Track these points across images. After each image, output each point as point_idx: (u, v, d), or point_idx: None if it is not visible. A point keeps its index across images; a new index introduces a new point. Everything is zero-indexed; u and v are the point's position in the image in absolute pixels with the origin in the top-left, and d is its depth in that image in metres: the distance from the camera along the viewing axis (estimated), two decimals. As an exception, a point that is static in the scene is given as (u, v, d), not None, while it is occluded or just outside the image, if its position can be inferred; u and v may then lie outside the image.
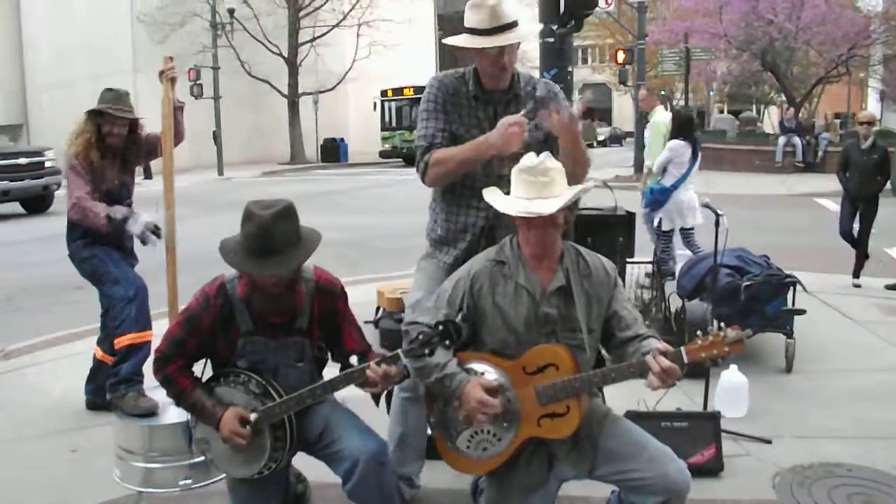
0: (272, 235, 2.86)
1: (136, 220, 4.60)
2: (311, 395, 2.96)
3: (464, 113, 3.42)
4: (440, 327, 2.80)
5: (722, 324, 2.72)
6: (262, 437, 3.00)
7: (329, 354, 3.28)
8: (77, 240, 4.79)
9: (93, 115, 4.73)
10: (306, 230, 3.04)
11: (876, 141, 8.63)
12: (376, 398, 3.17)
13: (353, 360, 3.04)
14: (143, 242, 4.67)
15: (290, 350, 3.09)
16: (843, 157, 8.89)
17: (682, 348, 2.66)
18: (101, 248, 4.76)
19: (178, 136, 4.76)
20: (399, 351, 2.87)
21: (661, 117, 9.19)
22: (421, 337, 2.81)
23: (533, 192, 2.85)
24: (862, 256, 8.62)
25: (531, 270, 2.95)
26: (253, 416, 2.96)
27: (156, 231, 4.59)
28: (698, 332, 2.70)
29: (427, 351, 2.82)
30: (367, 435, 3.09)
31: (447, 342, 2.80)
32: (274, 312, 3.06)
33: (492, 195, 3.04)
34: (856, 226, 8.66)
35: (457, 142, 3.36)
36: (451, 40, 3.34)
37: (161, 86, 4.54)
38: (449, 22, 57.37)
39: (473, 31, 3.26)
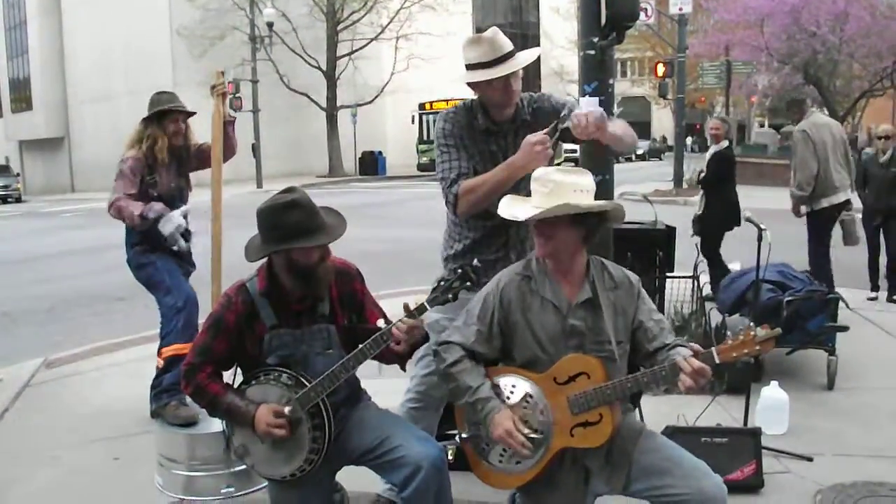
0: (317, 212, 2.98)
1: (169, 221, 4.66)
2: (343, 368, 2.97)
3: (479, 147, 3.47)
4: (459, 271, 2.92)
5: (751, 323, 2.69)
6: (299, 428, 3.00)
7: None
8: (134, 246, 4.83)
9: (156, 117, 4.79)
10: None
11: (894, 154, 8.45)
12: (403, 363, 3.18)
13: (380, 322, 3.06)
14: (171, 244, 4.73)
15: (316, 338, 3.11)
16: (862, 171, 8.74)
17: (713, 348, 2.66)
18: (158, 256, 4.78)
19: (230, 151, 4.80)
20: (424, 302, 2.93)
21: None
22: (442, 283, 2.93)
23: (535, 200, 2.87)
24: (893, 273, 8.39)
25: (557, 284, 2.94)
26: (287, 409, 2.97)
27: (185, 234, 4.66)
28: (728, 333, 2.68)
29: (450, 296, 2.93)
30: (427, 441, 3.10)
31: (468, 284, 2.92)
32: (294, 299, 3.09)
33: (504, 200, 3.07)
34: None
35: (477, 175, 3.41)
36: (465, 77, 3.38)
37: (211, 100, 4.54)
38: (487, 35, 57.55)
39: (476, 66, 3.33)
